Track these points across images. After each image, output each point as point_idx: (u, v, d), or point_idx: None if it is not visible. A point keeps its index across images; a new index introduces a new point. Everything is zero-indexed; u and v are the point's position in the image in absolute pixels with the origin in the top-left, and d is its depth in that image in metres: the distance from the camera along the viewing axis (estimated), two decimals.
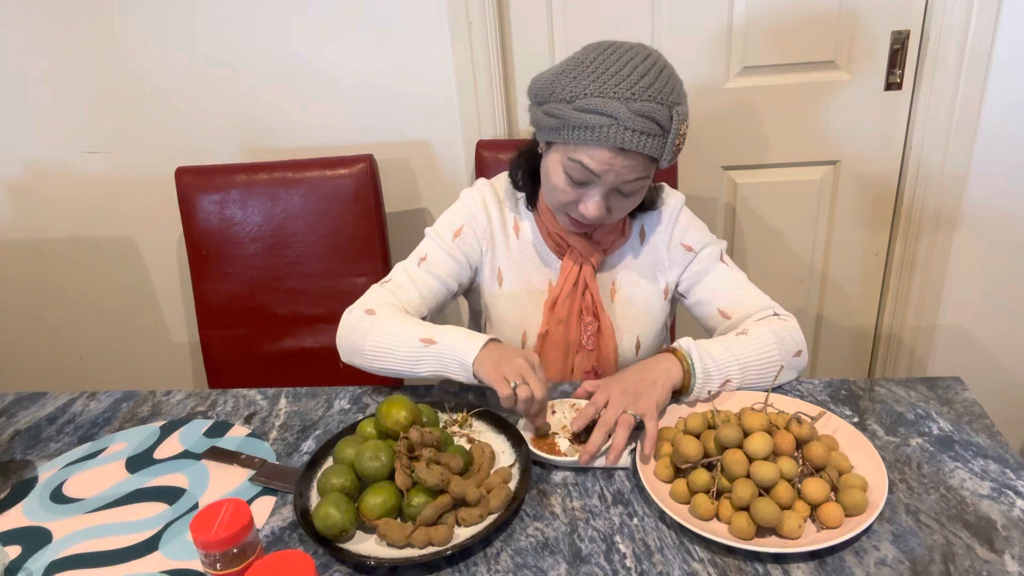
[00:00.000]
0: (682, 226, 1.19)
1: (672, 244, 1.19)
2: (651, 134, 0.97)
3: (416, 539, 0.83)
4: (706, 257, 1.18)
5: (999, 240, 1.68)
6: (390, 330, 1.06)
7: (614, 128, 0.96)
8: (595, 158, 0.99)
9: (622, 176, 1.00)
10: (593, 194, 1.03)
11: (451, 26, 1.57)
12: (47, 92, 1.73)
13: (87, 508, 0.97)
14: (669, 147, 0.99)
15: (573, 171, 1.02)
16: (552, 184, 1.06)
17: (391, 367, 1.05)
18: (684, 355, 1.03)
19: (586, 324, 1.17)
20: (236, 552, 0.72)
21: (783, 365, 1.06)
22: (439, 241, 1.18)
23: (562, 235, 1.15)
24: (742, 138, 1.67)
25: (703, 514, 0.85)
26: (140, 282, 1.94)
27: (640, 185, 1.04)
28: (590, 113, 0.97)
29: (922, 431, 0.99)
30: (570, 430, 1.01)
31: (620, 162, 0.98)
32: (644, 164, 1.00)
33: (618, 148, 0.97)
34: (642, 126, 0.96)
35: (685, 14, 1.57)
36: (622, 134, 0.96)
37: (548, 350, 1.19)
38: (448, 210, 1.21)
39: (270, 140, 1.73)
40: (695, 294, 1.19)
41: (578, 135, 0.98)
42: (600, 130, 0.96)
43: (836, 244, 1.76)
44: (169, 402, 1.20)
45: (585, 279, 1.16)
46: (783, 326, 1.09)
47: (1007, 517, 0.84)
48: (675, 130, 0.98)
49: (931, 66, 1.54)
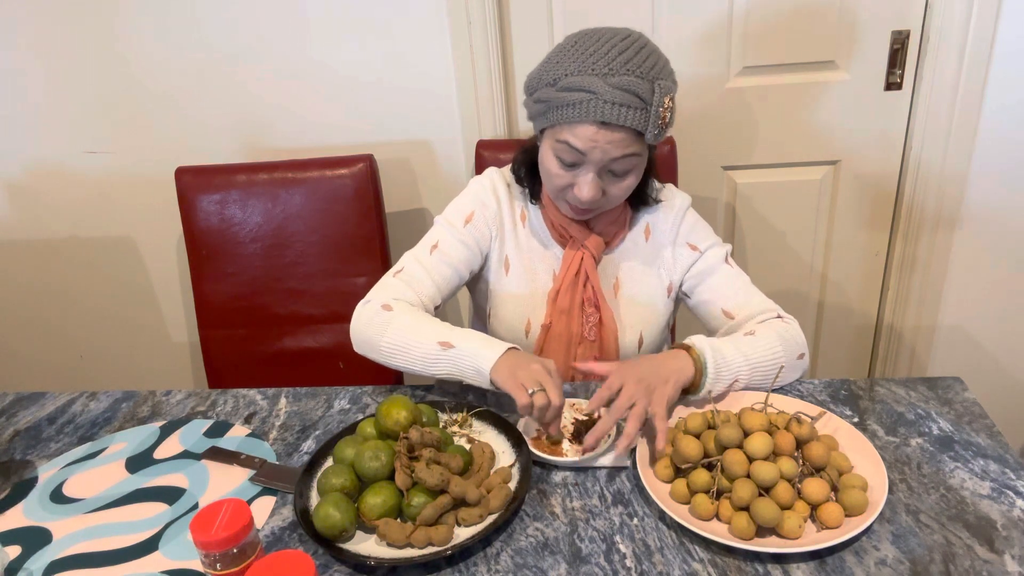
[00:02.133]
0: (688, 226, 1.20)
1: (677, 243, 1.19)
2: (632, 107, 0.97)
3: (416, 539, 0.83)
4: (711, 257, 1.18)
5: (999, 240, 1.68)
6: (408, 329, 1.06)
7: (594, 103, 0.97)
8: (579, 135, 1.00)
9: (608, 152, 1.00)
10: (585, 175, 1.03)
11: (451, 26, 1.57)
12: (47, 92, 1.73)
13: (87, 508, 0.97)
14: (653, 120, 0.99)
15: (562, 153, 1.03)
16: (547, 170, 1.07)
17: (405, 365, 1.05)
18: (698, 354, 1.02)
19: (588, 315, 1.17)
20: (236, 552, 0.72)
21: (783, 365, 1.06)
22: (450, 228, 1.18)
23: (564, 225, 1.16)
24: (742, 138, 1.67)
25: (703, 514, 0.85)
26: (140, 282, 1.93)
27: (631, 164, 1.04)
28: (571, 91, 0.99)
29: (922, 431, 0.99)
30: (570, 430, 1.01)
31: (604, 137, 0.99)
32: (630, 139, 1.00)
33: (600, 122, 0.98)
34: (622, 99, 0.97)
35: (685, 14, 1.57)
36: (602, 108, 0.97)
37: (551, 341, 1.19)
38: (457, 197, 1.22)
39: (270, 140, 1.73)
40: (699, 293, 1.19)
41: (561, 114, 1.00)
42: (580, 106, 0.98)
43: (836, 244, 1.76)
44: (169, 402, 1.20)
45: (586, 270, 1.16)
46: (788, 328, 1.09)
47: (1007, 517, 0.84)
48: (658, 102, 0.98)
49: (931, 66, 1.54)
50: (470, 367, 1.00)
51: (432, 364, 1.03)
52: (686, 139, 1.65)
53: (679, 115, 1.64)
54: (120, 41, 1.66)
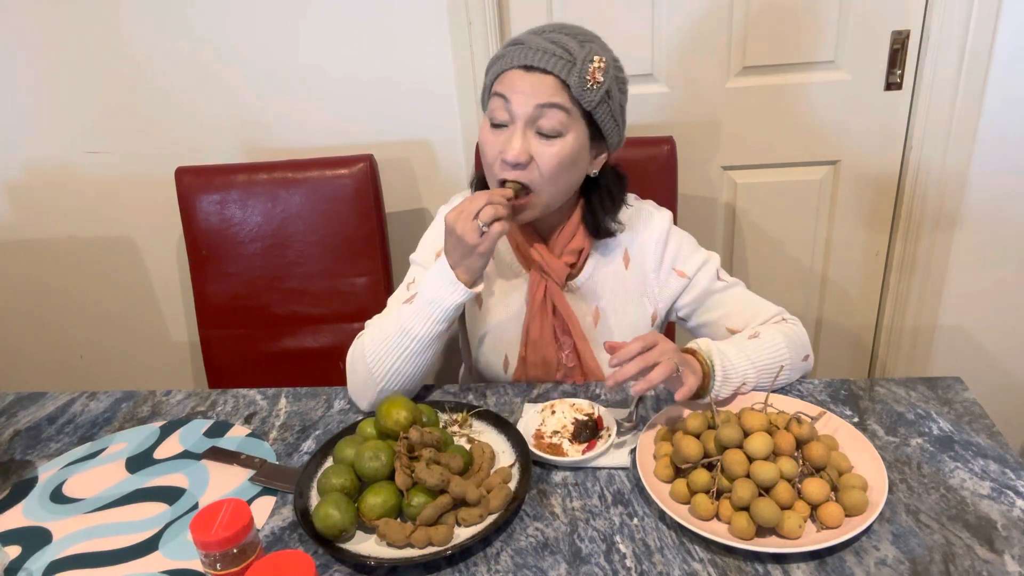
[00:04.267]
0: (673, 249, 1.15)
1: (663, 268, 1.15)
2: (557, 55, 0.99)
3: (416, 539, 0.83)
4: (703, 280, 1.14)
5: (999, 240, 1.68)
6: (377, 326, 1.07)
7: (520, 50, 1.01)
8: (504, 81, 1.02)
9: (531, 100, 0.99)
10: (512, 135, 1.02)
11: (451, 26, 1.57)
12: (47, 92, 1.73)
13: (87, 508, 0.97)
14: (579, 73, 0.98)
15: (494, 111, 1.04)
16: (481, 146, 1.07)
17: (402, 354, 1.04)
18: (704, 358, 1.00)
19: (561, 343, 1.15)
20: (236, 552, 0.72)
21: (783, 365, 1.05)
22: (424, 266, 1.16)
23: (522, 246, 1.14)
24: (742, 138, 1.67)
25: (703, 514, 0.85)
26: (140, 282, 1.93)
27: (557, 120, 1.00)
28: (503, 49, 1.04)
29: (922, 431, 0.99)
30: (570, 430, 1.01)
31: (528, 81, 1.00)
32: (554, 87, 0.99)
33: (524, 66, 1.00)
34: (548, 48, 0.99)
35: (685, 14, 1.57)
36: (527, 53, 1.00)
37: (530, 370, 1.17)
38: (426, 232, 1.21)
39: (270, 140, 1.73)
40: (698, 316, 1.16)
41: (493, 70, 1.05)
42: (507, 56, 1.02)
43: (836, 244, 1.76)
44: (169, 402, 1.20)
45: (552, 297, 1.12)
46: (793, 330, 1.09)
47: (1007, 517, 0.84)
48: (585, 58, 0.99)
49: (931, 66, 1.54)
50: (438, 288, 1.02)
51: (418, 324, 1.03)
52: (686, 139, 1.65)
53: (679, 115, 1.65)
54: (120, 41, 1.66)
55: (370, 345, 1.06)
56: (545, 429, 1.02)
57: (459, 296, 1.01)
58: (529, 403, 1.10)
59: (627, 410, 1.05)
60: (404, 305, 1.05)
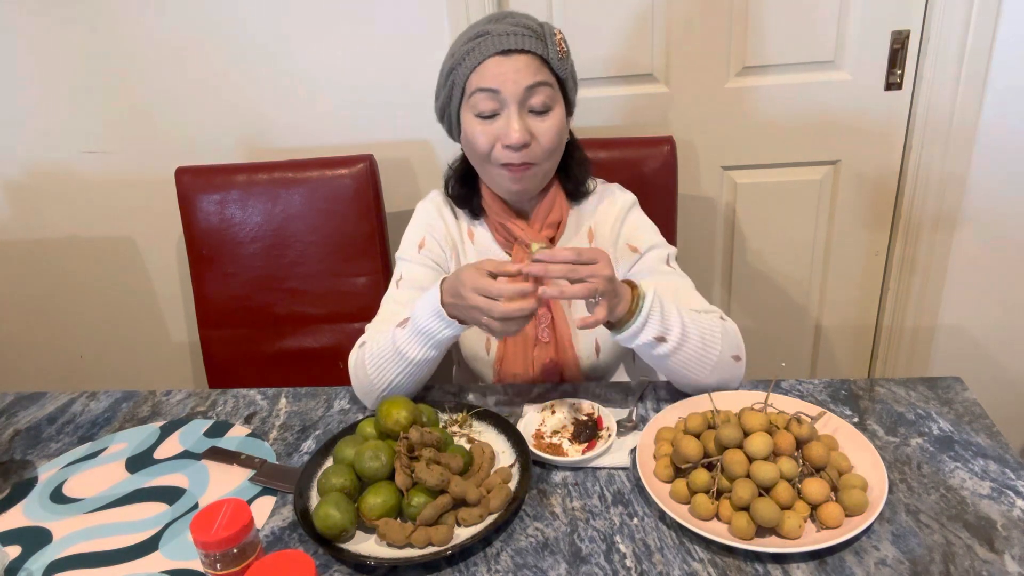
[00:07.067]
0: (630, 226, 1.18)
1: (619, 243, 1.17)
2: (527, 35, 1.03)
3: (416, 539, 0.83)
4: (651, 259, 1.14)
5: (999, 240, 1.68)
6: (375, 340, 1.06)
7: (490, 39, 1.02)
8: (486, 74, 1.03)
9: (520, 81, 1.02)
10: (508, 120, 1.04)
11: (451, 26, 1.57)
12: (47, 92, 1.73)
13: (87, 508, 0.97)
14: (551, 46, 1.03)
15: (480, 104, 1.05)
16: (472, 142, 1.08)
17: (397, 375, 1.04)
18: (639, 294, 0.96)
19: (540, 317, 1.16)
20: (236, 552, 0.72)
21: (714, 349, 1.00)
22: (408, 260, 1.18)
23: (505, 223, 1.15)
24: (742, 138, 1.67)
25: (703, 514, 0.85)
26: (140, 282, 1.94)
27: (547, 95, 1.05)
28: (467, 45, 1.04)
29: (922, 431, 0.99)
30: (570, 430, 1.01)
31: (510, 65, 1.02)
32: (536, 65, 1.03)
33: (501, 52, 1.02)
34: (515, 31, 1.02)
35: (685, 14, 1.57)
36: (499, 39, 1.02)
37: (509, 346, 1.18)
38: (407, 228, 1.22)
39: (270, 140, 1.73)
40: None
41: (465, 67, 1.04)
42: (478, 49, 1.03)
43: (836, 244, 1.76)
44: (169, 402, 1.20)
45: None
46: (729, 326, 1.05)
47: (1007, 517, 0.84)
48: (549, 33, 1.04)
49: (931, 66, 1.54)
50: (429, 321, 0.99)
51: (413, 350, 1.02)
52: (686, 139, 1.65)
53: (678, 115, 1.65)
54: (121, 41, 1.66)
55: (369, 359, 1.06)
56: (545, 429, 1.02)
57: (452, 331, 1.00)
58: (529, 403, 1.10)
59: (627, 410, 1.06)
60: (397, 328, 1.04)
